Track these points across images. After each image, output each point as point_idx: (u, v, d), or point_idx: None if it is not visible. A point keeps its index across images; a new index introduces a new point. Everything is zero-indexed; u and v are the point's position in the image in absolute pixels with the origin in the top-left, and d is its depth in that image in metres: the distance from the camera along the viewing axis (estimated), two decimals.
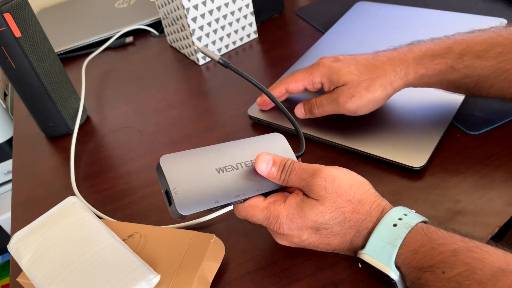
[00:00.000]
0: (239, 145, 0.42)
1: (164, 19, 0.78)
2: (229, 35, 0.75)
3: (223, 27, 0.74)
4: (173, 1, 0.70)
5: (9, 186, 1.10)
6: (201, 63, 0.75)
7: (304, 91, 0.54)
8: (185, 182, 0.38)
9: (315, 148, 0.53)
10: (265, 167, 0.39)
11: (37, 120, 0.65)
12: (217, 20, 0.72)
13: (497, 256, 0.31)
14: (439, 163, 0.48)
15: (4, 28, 0.55)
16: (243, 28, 0.76)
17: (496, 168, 0.46)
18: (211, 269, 0.40)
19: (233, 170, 0.39)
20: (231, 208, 0.48)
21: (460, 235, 0.33)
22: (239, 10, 0.74)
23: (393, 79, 0.47)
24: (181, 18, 0.70)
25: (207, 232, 0.43)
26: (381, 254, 0.34)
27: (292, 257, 0.42)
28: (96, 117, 0.69)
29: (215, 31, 0.73)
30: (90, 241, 0.42)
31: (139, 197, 0.53)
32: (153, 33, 0.87)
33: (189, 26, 0.70)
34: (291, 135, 0.53)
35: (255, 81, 0.46)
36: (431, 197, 0.45)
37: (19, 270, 0.45)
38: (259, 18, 0.82)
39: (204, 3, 0.69)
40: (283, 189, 0.40)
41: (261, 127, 0.59)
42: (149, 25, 0.89)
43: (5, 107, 1.02)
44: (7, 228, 1.07)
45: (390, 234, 0.34)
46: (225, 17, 0.73)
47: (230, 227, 0.47)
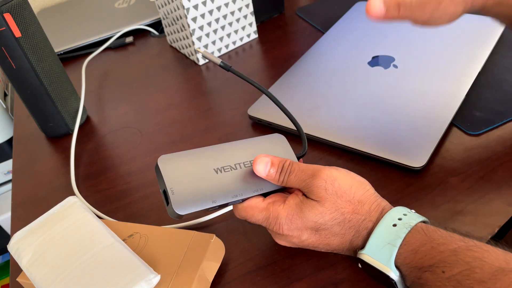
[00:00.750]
0: (238, 146, 0.42)
1: (164, 19, 0.78)
2: (229, 35, 0.75)
3: (223, 27, 0.74)
4: (173, 1, 0.70)
5: (9, 186, 1.10)
6: (201, 63, 0.75)
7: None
8: (182, 182, 0.38)
9: (315, 148, 0.53)
10: (263, 169, 0.39)
11: (37, 120, 0.65)
12: (217, 20, 0.72)
13: (497, 255, 0.31)
14: (439, 163, 0.48)
15: (4, 28, 0.55)
16: (243, 28, 0.76)
17: (496, 168, 0.46)
18: (211, 269, 0.40)
19: (231, 170, 0.39)
20: (230, 208, 0.48)
21: (459, 235, 0.33)
22: (239, 10, 0.74)
23: None
24: (181, 18, 0.70)
25: (207, 232, 0.43)
26: (380, 254, 0.34)
27: (292, 257, 0.42)
28: (96, 117, 0.69)
29: (215, 31, 0.73)
30: (90, 241, 0.42)
31: (139, 197, 0.53)
32: (153, 33, 0.87)
33: (189, 26, 0.70)
34: (292, 135, 0.53)
35: (257, 84, 0.46)
36: (431, 197, 0.45)
37: (19, 270, 0.45)
38: (259, 18, 0.82)
39: (204, 3, 0.69)
40: (283, 190, 0.40)
41: (261, 127, 0.59)
42: (149, 25, 0.89)
43: (5, 107, 1.02)
44: (7, 228, 1.07)
45: (389, 234, 0.34)
46: (225, 17, 0.73)
47: (230, 227, 0.47)
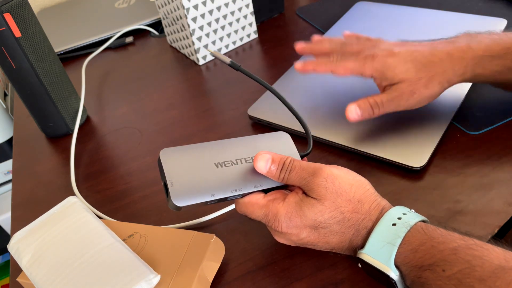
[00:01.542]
0: (241, 142, 0.42)
1: (164, 19, 0.78)
2: (229, 35, 0.75)
3: (223, 27, 0.74)
4: (173, 1, 0.70)
5: (9, 186, 1.10)
6: (201, 63, 0.75)
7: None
8: (182, 174, 0.38)
9: (315, 148, 0.53)
10: (264, 165, 0.39)
11: (37, 120, 0.65)
12: (217, 20, 0.72)
13: (496, 253, 0.31)
14: (439, 163, 0.48)
15: (4, 28, 0.55)
16: (243, 28, 0.76)
17: (496, 168, 0.46)
18: (211, 269, 0.40)
19: (232, 165, 0.39)
20: (232, 207, 0.48)
21: (459, 233, 0.33)
22: (239, 10, 0.74)
23: (451, 77, 0.47)
24: (181, 18, 0.70)
25: (207, 232, 0.43)
26: (380, 253, 0.34)
27: (292, 257, 0.42)
28: (96, 117, 0.69)
29: (215, 31, 0.73)
30: (90, 241, 0.42)
31: (139, 197, 0.53)
32: (153, 33, 0.87)
33: (189, 26, 0.70)
34: (292, 135, 0.53)
35: (265, 83, 0.45)
36: (431, 197, 0.45)
37: (19, 270, 0.45)
38: (259, 18, 0.82)
39: (204, 3, 0.69)
40: (284, 187, 0.40)
41: (261, 127, 0.59)
42: (149, 25, 0.89)
43: (5, 107, 1.02)
44: (7, 228, 1.07)
45: (389, 233, 0.34)
46: (225, 17, 0.73)
47: (230, 227, 0.46)
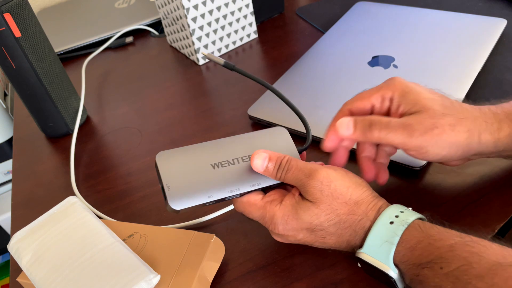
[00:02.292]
0: (238, 140, 0.41)
1: (164, 19, 0.78)
2: (229, 35, 0.75)
3: (223, 27, 0.74)
4: (173, 1, 0.70)
5: (9, 186, 1.10)
6: (201, 63, 0.75)
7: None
8: (178, 177, 0.38)
9: (315, 148, 0.53)
10: (260, 164, 0.39)
11: (37, 120, 0.65)
12: (217, 20, 0.72)
13: (493, 250, 0.31)
14: (439, 163, 0.48)
15: (4, 28, 0.55)
16: (243, 28, 0.76)
17: (496, 168, 0.46)
18: (211, 269, 0.40)
19: (229, 165, 0.39)
20: (231, 207, 0.48)
21: (456, 231, 0.33)
22: (239, 10, 0.74)
23: (484, 129, 0.37)
24: (181, 18, 0.70)
25: (207, 232, 0.43)
26: (379, 252, 0.34)
27: (292, 257, 0.42)
28: (96, 117, 0.69)
29: (215, 31, 0.73)
30: (90, 241, 0.42)
31: (139, 197, 0.53)
32: (153, 33, 0.87)
33: (189, 26, 0.70)
34: (292, 135, 0.53)
35: (261, 80, 0.45)
36: (431, 197, 0.45)
37: (19, 270, 0.45)
38: (259, 18, 0.82)
39: (204, 3, 0.69)
40: (282, 185, 0.40)
41: (261, 127, 0.59)
42: (149, 25, 0.89)
43: (5, 107, 1.02)
44: (7, 228, 1.07)
45: (387, 232, 0.34)
46: (225, 17, 0.73)
47: (230, 227, 0.46)
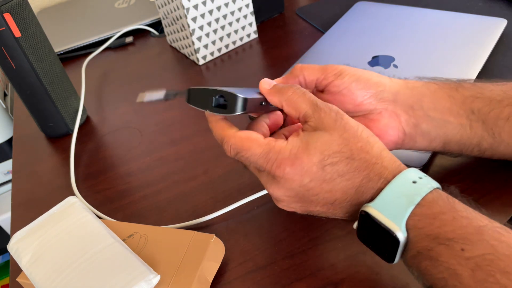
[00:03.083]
0: None
1: (164, 19, 0.78)
2: (229, 35, 0.75)
3: (223, 27, 0.74)
4: (173, 1, 0.70)
5: (9, 186, 1.10)
6: (201, 63, 0.75)
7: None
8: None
9: None
10: (268, 82, 0.39)
11: (37, 120, 0.65)
12: (217, 20, 0.72)
13: None
14: (439, 163, 0.48)
15: (4, 28, 0.55)
16: (243, 28, 0.76)
17: (496, 168, 0.46)
18: (211, 269, 0.40)
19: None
20: (232, 208, 0.48)
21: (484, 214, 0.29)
22: (239, 10, 0.74)
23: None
24: (181, 18, 0.70)
25: (207, 232, 0.43)
26: (392, 209, 0.29)
27: (292, 257, 0.42)
28: (96, 117, 0.69)
29: (215, 31, 0.73)
30: (90, 241, 0.42)
31: (139, 197, 0.53)
32: (153, 33, 0.87)
33: (189, 26, 0.70)
34: None
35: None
36: None
37: (19, 270, 0.45)
38: (259, 18, 0.82)
39: (204, 3, 0.69)
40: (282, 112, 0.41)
41: None
42: (149, 25, 0.89)
43: (5, 107, 1.02)
44: (7, 228, 1.07)
45: (408, 190, 0.29)
46: (225, 17, 0.73)
47: (230, 227, 0.47)
